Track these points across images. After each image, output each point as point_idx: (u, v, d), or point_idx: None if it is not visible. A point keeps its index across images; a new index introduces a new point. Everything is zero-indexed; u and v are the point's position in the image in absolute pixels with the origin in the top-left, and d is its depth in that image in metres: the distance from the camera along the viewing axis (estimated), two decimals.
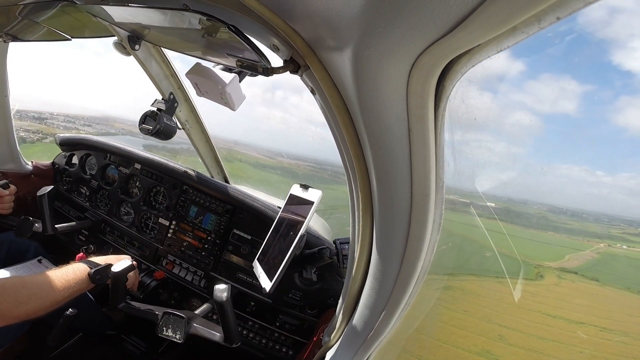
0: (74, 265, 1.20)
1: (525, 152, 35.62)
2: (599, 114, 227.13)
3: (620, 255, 17.23)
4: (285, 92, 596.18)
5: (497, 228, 5.09)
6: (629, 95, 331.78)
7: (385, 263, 0.85)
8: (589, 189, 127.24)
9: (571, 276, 12.75)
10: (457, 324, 7.53)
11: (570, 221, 17.15)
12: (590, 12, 16.48)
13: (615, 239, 18.64)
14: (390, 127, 0.62)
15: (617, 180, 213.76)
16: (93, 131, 8.36)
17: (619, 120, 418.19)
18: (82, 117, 9.10)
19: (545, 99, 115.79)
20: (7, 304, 0.96)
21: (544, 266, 11.81)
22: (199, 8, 0.64)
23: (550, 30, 0.39)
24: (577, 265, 13.82)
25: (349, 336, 1.06)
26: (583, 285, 12.55)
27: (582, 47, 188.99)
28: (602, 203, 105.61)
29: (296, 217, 1.10)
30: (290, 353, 1.52)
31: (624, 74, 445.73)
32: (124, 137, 9.03)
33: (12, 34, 1.19)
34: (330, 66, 0.64)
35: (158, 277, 1.63)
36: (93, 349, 1.74)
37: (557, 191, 61.29)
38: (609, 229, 20.11)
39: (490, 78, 0.66)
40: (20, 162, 2.00)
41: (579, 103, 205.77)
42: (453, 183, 0.72)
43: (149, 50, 1.47)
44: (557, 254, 13.38)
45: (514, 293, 8.91)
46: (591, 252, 15.38)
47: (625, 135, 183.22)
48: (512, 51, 0.47)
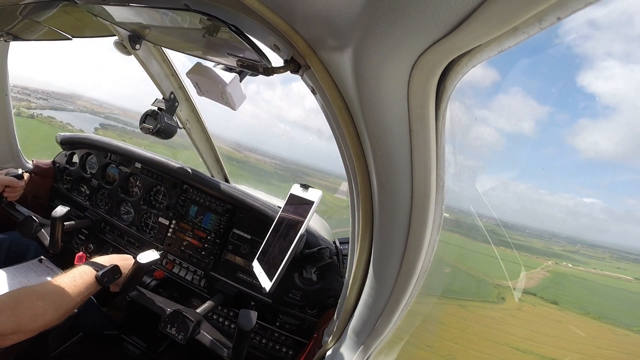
0: (80, 269, 1.18)
1: (476, 164, 35.43)
2: (552, 135, 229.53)
3: (568, 274, 17.31)
4: (258, 87, 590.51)
5: (450, 240, 4.61)
6: (586, 119, 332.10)
7: (385, 263, 0.85)
8: (531, 206, 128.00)
9: (531, 298, 12.56)
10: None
11: (516, 235, 16.90)
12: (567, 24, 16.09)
13: (560, 257, 18.79)
14: (391, 127, 0.62)
15: (558, 199, 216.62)
16: (47, 104, 8.20)
17: (570, 142, 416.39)
18: (40, 91, 8.79)
19: (507, 116, 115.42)
20: (26, 318, 0.94)
21: (502, 286, 11.31)
22: (199, 8, 0.64)
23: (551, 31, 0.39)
24: (534, 286, 13.80)
25: (349, 336, 1.06)
26: (545, 310, 12.28)
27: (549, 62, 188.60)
28: (542, 220, 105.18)
29: (296, 217, 1.10)
30: (290, 353, 1.52)
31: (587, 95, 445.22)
32: (81, 115, 8.96)
33: (12, 34, 1.19)
34: (330, 66, 0.64)
35: (158, 277, 1.63)
36: (93, 349, 1.74)
37: (503, 205, 58.83)
38: (551, 245, 20.33)
39: (491, 78, 0.66)
40: (21, 161, 2.01)
41: (536, 123, 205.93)
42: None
43: (149, 49, 1.47)
44: (511, 272, 13.38)
45: (478, 321, 7.95)
46: (542, 270, 15.44)
47: (571, 158, 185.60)
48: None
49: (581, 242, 22.83)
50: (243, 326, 1.07)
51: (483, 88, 1.76)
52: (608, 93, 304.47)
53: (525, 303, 11.61)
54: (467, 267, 8.07)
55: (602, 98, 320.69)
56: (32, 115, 7.12)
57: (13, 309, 0.93)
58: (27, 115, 7.08)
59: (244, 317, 1.08)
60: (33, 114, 7.16)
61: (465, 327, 7.39)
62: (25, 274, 1.52)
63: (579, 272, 18.30)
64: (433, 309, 3.05)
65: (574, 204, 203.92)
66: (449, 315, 7.07)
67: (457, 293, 8.07)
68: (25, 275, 1.50)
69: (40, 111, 7.55)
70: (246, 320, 1.08)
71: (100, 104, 9.59)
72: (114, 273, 1.21)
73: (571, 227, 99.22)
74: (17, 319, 0.93)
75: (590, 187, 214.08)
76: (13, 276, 1.47)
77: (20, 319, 0.93)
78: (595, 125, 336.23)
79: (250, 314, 1.10)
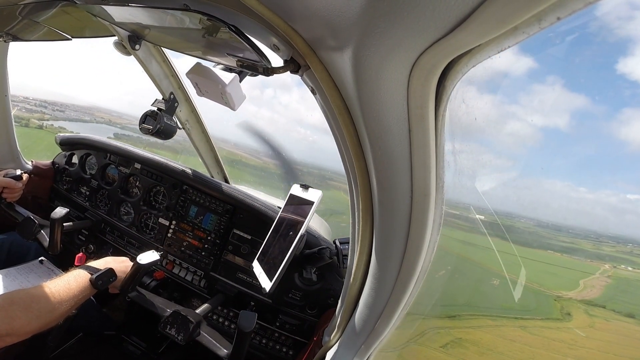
0: (74, 273, 1.19)
1: (509, 164, 32.84)
2: (589, 128, 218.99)
3: (632, 279, 14.42)
4: (275, 91, 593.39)
5: (490, 245, 3.50)
6: (631, 108, 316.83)
7: (385, 263, 0.85)
8: (571, 205, 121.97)
9: (601, 312, 10.05)
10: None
11: (562, 237, 14.96)
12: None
13: (615, 259, 16.60)
14: (391, 127, 0.62)
15: (599, 196, 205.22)
16: (63, 116, 8.09)
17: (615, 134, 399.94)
18: (59, 104, 8.62)
19: (536, 110, 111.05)
20: (21, 321, 0.95)
21: (563, 298, 9.50)
22: (199, 8, 0.64)
23: (551, 31, 0.39)
24: (599, 295, 11.28)
25: (349, 336, 1.06)
26: (622, 325, 9.65)
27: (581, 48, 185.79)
28: (584, 219, 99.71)
29: (296, 217, 1.10)
30: (290, 353, 1.52)
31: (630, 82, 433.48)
32: (98, 126, 8.77)
33: (12, 34, 1.19)
34: (330, 66, 0.64)
35: (158, 277, 1.63)
36: (93, 349, 1.74)
37: (541, 205, 55.04)
38: (601, 246, 18.23)
39: (491, 78, 0.66)
40: (20, 162, 2.00)
41: (571, 116, 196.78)
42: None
43: (149, 50, 1.47)
44: (568, 280, 10.87)
45: (546, 346, 6.26)
46: (601, 275, 12.89)
47: (615, 152, 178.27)
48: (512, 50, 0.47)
49: (632, 242, 20.63)
50: (243, 327, 1.07)
51: (483, 88, 1.77)
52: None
53: (596, 318, 9.46)
54: (519, 277, 6.72)
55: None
56: (41, 126, 7.01)
57: (7, 311, 0.94)
58: (36, 125, 6.95)
59: (244, 319, 1.09)
60: (42, 125, 7.04)
61: (533, 356, 5.96)
62: (25, 274, 1.51)
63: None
64: (489, 334, 2.35)
65: (617, 200, 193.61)
66: (510, 341, 5.99)
67: (515, 311, 6.91)
68: (25, 276, 1.50)
69: (52, 122, 7.43)
70: (246, 322, 1.08)
71: (120, 115, 9.41)
72: (109, 276, 1.22)
73: (615, 226, 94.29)
74: (11, 321, 0.93)
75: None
76: (14, 277, 1.47)
77: (14, 321, 0.94)
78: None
79: (250, 316, 1.10)
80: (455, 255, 3.50)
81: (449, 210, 0.74)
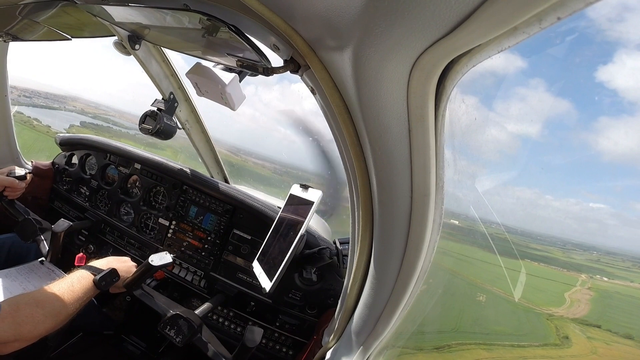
0: (78, 274, 1.18)
1: (483, 170, 32.56)
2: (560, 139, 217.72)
3: (611, 291, 13.68)
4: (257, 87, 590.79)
5: (471, 254, 3.15)
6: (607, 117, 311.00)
7: (385, 263, 0.85)
8: (537, 212, 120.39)
9: (598, 333, 9.15)
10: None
11: (533, 244, 14.11)
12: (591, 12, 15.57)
13: (589, 269, 15.36)
14: (391, 127, 0.62)
15: (565, 204, 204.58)
16: (28, 102, 7.80)
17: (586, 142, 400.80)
18: (28, 90, 8.37)
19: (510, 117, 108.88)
20: (27, 326, 0.95)
21: (555, 316, 8.61)
22: (199, 8, 0.64)
23: (552, 31, 0.39)
24: (588, 312, 10.46)
25: (349, 336, 1.06)
26: (624, 349, 8.69)
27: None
28: (548, 225, 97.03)
29: (296, 217, 1.10)
30: (290, 353, 1.52)
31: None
32: (66, 114, 8.42)
33: (12, 34, 1.19)
34: (330, 66, 0.64)
35: (158, 277, 1.63)
36: (93, 349, 1.74)
37: (508, 211, 52.02)
38: (570, 254, 17.13)
39: (492, 78, 0.66)
40: (20, 162, 2.01)
41: (542, 126, 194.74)
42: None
43: (149, 49, 1.47)
44: (553, 294, 10.06)
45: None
46: (582, 287, 12.25)
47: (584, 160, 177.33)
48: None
49: (595, 249, 19.53)
50: (248, 342, 1.08)
51: (483, 88, 1.76)
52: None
53: (596, 342, 8.59)
54: (505, 292, 6.16)
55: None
56: None
57: (14, 317, 0.93)
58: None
59: (250, 335, 1.10)
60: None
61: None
62: (26, 275, 1.51)
63: (622, 288, 14.23)
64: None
65: (580, 209, 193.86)
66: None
67: (511, 336, 6.28)
68: (26, 277, 1.50)
69: (18, 107, 7.15)
70: (251, 338, 1.09)
71: (98, 106, 9.13)
72: (112, 276, 1.21)
73: (580, 234, 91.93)
74: (18, 327, 0.93)
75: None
76: (14, 277, 1.46)
77: (21, 327, 0.93)
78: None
79: (257, 332, 1.11)
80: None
81: None
